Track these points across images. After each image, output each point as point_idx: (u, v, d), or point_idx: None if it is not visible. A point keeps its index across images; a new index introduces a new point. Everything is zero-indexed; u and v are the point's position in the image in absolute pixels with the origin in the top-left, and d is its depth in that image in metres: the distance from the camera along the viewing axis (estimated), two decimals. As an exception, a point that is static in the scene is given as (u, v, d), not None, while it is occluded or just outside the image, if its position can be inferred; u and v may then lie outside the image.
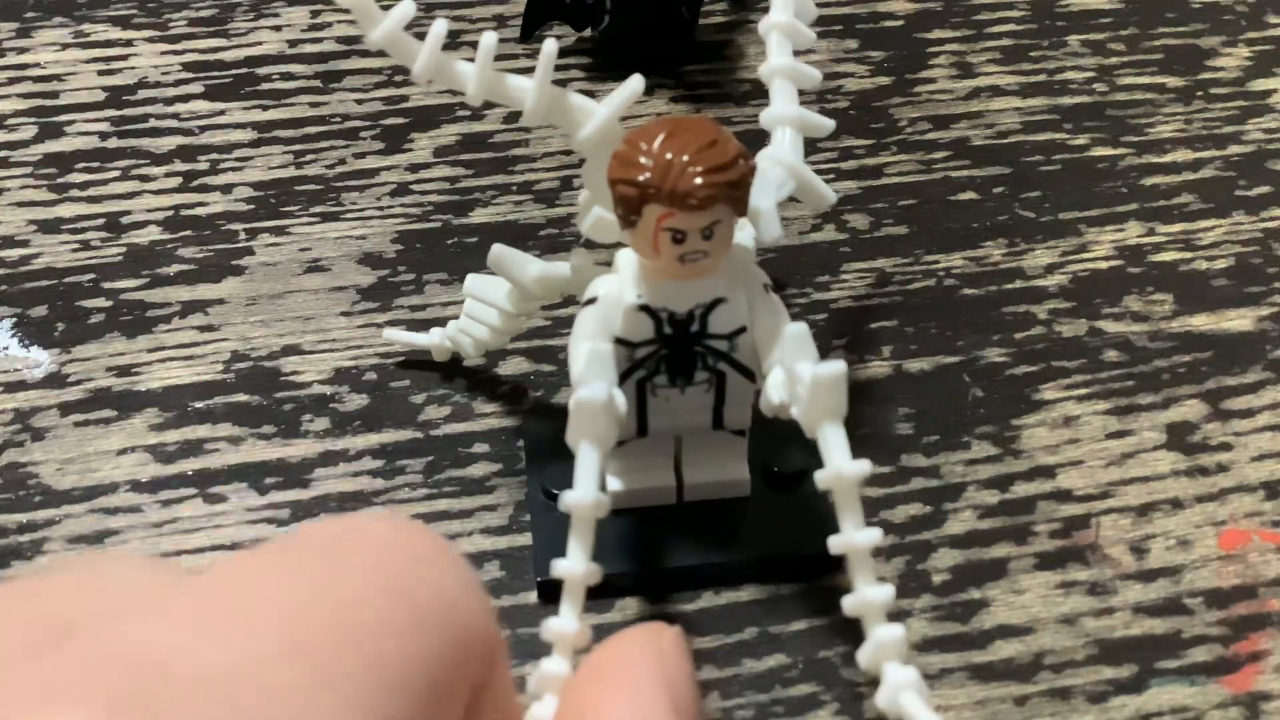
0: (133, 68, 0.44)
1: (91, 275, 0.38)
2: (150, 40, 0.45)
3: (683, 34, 0.44)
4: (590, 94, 0.27)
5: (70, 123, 0.42)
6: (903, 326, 0.37)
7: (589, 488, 0.25)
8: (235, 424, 0.34)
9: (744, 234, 0.28)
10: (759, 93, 0.43)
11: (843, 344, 0.36)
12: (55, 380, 0.35)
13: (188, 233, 0.39)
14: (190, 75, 0.44)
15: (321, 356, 0.36)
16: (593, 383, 0.25)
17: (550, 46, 0.25)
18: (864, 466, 0.25)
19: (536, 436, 0.33)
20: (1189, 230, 0.40)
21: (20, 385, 0.35)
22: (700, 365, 0.28)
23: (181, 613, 0.13)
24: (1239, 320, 0.37)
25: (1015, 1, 0.47)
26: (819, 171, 0.41)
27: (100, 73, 0.44)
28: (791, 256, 0.38)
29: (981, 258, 0.39)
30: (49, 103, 0.43)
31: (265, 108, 0.43)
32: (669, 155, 0.25)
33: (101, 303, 0.37)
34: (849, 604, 0.25)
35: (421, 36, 0.25)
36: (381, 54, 0.27)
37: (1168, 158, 0.42)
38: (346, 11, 0.25)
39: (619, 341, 0.27)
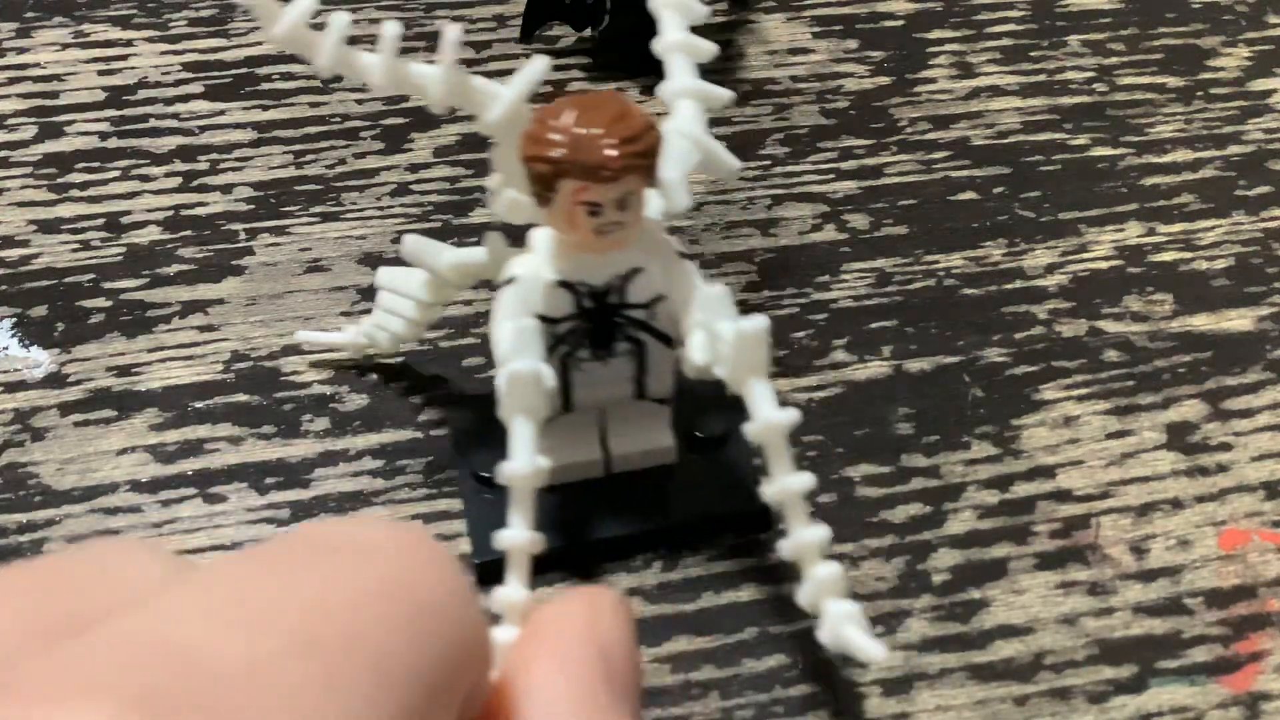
0: (133, 68, 0.44)
1: (91, 275, 0.38)
2: (150, 40, 0.45)
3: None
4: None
5: (70, 123, 0.42)
6: (903, 326, 0.37)
7: (526, 459, 0.26)
8: (235, 424, 0.34)
9: (651, 207, 0.28)
10: (759, 93, 0.43)
11: (843, 344, 0.36)
12: (55, 380, 0.35)
13: (188, 233, 0.39)
14: (190, 75, 0.44)
15: (321, 356, 0.36)
16: (521, 357, 0.26)
17: (452, 32, 0.25)
18: (792, 415, 0.25)
19: (461, 425, 0.33)
20: (1189, 230, 0.40)
21: (20, 385, 0.35)
22: (620, 336, 0.29)
23: (194, 604, 0.13)
24: (1239, 320, 0.37)
25: (1015, 1, 0.47)
26: (820, 170, 0.41)
27: (100, 73, 0.44)
28: (791, 256, 0.38)
29: (981, 258, 0.39)
30: (49, 103, 0.43)
31: (265, 108, 0.43)
32: (580, 130, 0.25)
33: (101, 303, 0.37)
34: (787, 548, 0.26)
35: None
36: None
37: (1168, 158, 0.42)
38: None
39: (541, 318, 0.28)
